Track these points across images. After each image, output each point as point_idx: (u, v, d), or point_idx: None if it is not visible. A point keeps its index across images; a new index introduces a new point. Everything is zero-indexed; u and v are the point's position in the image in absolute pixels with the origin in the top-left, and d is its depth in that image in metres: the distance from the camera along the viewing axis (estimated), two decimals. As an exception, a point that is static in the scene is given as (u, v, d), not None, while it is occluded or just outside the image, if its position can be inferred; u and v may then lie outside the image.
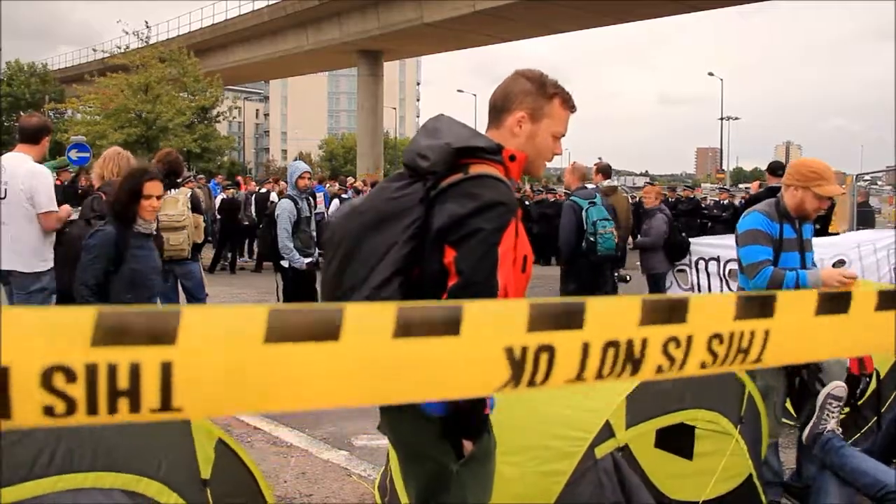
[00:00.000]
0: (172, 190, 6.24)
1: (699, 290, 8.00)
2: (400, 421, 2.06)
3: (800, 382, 3.67)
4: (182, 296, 6.52)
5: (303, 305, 0.76)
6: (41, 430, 2.00)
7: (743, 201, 13.13)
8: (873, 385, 3.82)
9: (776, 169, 7.88)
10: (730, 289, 7.48)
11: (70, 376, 0.64)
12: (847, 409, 4.08)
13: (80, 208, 5.14)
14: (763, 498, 3.24)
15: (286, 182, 7.94)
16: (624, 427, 2.66)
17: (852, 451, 3.19)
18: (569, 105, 2.15)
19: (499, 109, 2.13)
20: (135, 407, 0.68)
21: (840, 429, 3.32)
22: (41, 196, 4.75)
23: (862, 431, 4.10)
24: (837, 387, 3.40)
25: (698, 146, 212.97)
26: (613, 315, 0.88)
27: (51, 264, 4.90)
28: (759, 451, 3.29)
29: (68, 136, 21.02)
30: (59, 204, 5.00)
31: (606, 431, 2.60)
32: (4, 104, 46.96)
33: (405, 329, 0.77)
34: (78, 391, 0.65)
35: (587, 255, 6.59)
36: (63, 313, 0.64)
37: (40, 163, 5.07)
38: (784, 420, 3.77)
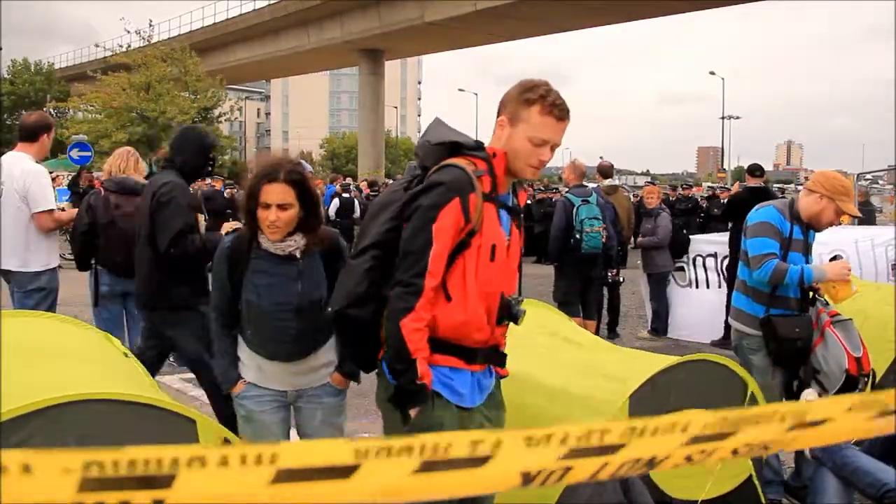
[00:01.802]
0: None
1: (697, 286, 8.09)
2: (378, 386, 2.31)
3: (798, 383, 3.69)
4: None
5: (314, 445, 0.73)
6: (47, 431, 2.02)
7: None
8: (870, 386, 3.83)
9: (754, 170, 8.19)
10: (727, 284, 7.56)
11: None
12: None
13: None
14: (762, 498, 3.25)
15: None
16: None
17: (852, 450, 3.19)
18: (553, 113, 2.18)
19: (497, 115, 2.30)
20: None
21: None
22: (35, 195, 4.74)
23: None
24: (809, 393, 3.51)
25: (699, 145, 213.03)
26: (655, 445, 0.85)
27: (52, 264, 4.91)
28: None
29: (69, 135, 21.02)
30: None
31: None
32: (7, 102, 46.96)
33: (427, 467, 0.75)
34: None
35: (573, 252, 6.62)
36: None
37: (44, 160, 5.08)
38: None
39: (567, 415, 2.89)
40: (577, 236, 6.59)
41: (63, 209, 5.58)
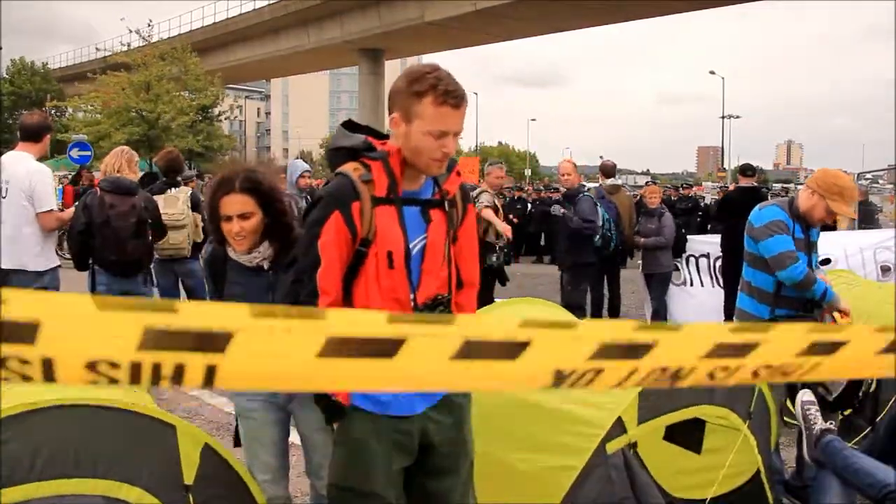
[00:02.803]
0: (173, 189, 6.26)
1: (692, 285, 8.13)
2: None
3: (801, 384, 3.68)
4: (183, 294, 6.55)
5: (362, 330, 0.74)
6: (23, 437, 2.01)
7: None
8: (874, 386, 3.83)
9: (746, 170, 8.33)
10: (720, 285, 7.63)
11: (114, 365, 0.67)
12: (849, 411, 4.08)
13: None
14: (769, 494, 3.22)
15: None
16: (636, 423, 2.65)
17: (853, 451, 3.18)
18: (447, 101, 2.01)
19: (388, 110, 2.16)
20: (177, 383, 0.71)
21: (832, 423, 3.32)
22: (40, 195, 4.75)
23: (863, 434, 4.10)
24: (805, 394, 3.47)
25: (699, 145, 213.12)
26: (679, 350, 0.85)
27: (53, 263, 4.91)
28: (767, 446, 3.28)
29: (69, 135, 21.01)
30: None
31: (618, 427, 2.59)
32: (7, 102, 46.96)
33: (465, 353, 0.76)
34: (122, 374, 0.68)
35: (599, 251, 7.05)
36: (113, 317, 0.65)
37: (43, 160, 5.08)
38: (785, 419, 3.77)
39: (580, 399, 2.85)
40: (608, 234, 6.88)
41: (62, 209, 5.57)
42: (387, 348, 0.73)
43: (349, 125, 2.28)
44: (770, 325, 0.87)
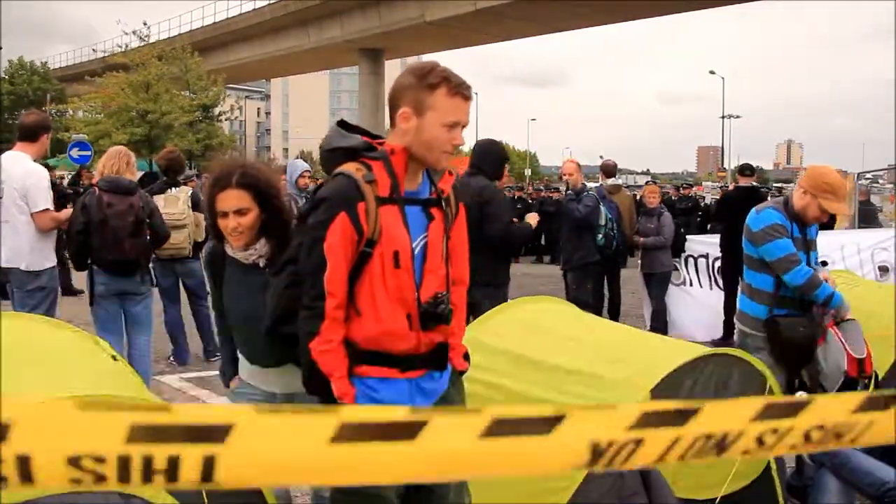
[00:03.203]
0: (173, 188, 6.26)
1: (691, 286, 8.14)
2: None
3: (800, 384, 3.68)
4: (183, 294, 6.55)
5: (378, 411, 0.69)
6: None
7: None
8: (872, 387, 3.82)
9: (745, 170, 8.38)
10: (718, 286, 7.64)
11: (100, 460, 0.61)
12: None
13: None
14: (780, 493, 3.20)
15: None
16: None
17: (852, 450, 3.18)
18: (460, 92, 2.07)
19: (391, 108, 2.16)
20: (171, 480, 0.64)
21: None
22: (35, 195, 4.75)
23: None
24: (802, 395, 3.46)
25: (699, 144, 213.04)
26: (726, 415, 0.82)
27: (51, 263, 4.91)
28: None
29: (70, 135, 21.01)
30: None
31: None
32: (6, 102, 46.96)
33: (494, 431, 0.71)
34: (109, 469, 0.62)
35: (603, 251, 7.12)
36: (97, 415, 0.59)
37: (44, 160, 5.08)
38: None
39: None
40: (611, 233, 7.05)
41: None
42: (408, 430, 0.68)
43: (342, 126, 2.28)
44: (820, 395, 0.85)
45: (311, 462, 0.67)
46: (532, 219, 5.49)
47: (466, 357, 2.36)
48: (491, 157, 5.18)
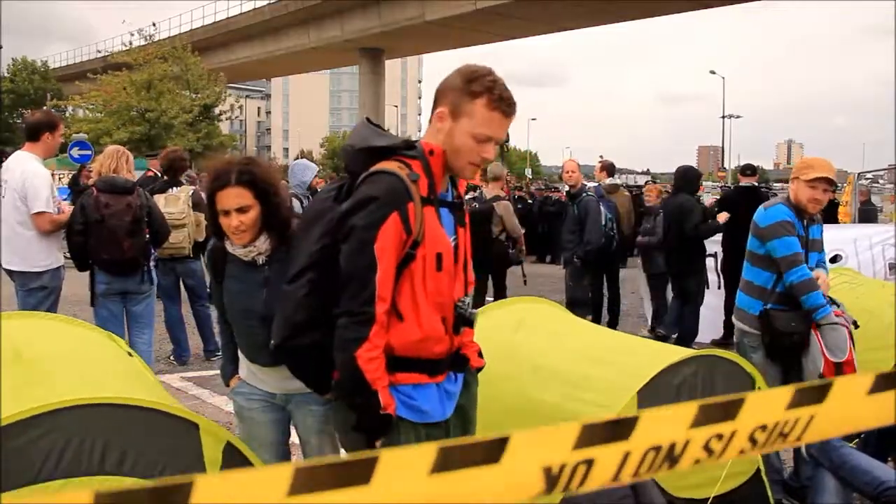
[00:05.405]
0: (174, 188, 6.26)
1: None
2: (336, 411, 2.21)
3: (789, 381, 3.70)
4: (184, 294, 6.56)
5: (333, 458, 0.69)
6: (49, 434, 2.00)
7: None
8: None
9: (746, 170, 8.49)
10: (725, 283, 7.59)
11: None
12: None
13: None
14: (770, 494, 3.22)
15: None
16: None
17: (850, 449, 3.19)
18: (500, 108, 1.98)
19: (434, 103, 2.09)
20: None
21: None
22: (33, 197, 4.76)
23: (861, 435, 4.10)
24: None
25: (700, 144, 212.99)
26: (664, 422, 0.82)
27: (54, 264, 4.91)
28: None
29: (70, 134, 20.99)
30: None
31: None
32: (7, 101, 46.94)
33: (443, 464, 0.70)
34: None
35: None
36: None
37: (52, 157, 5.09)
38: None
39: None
40: (611, 233, 7.24)
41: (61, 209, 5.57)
42: (361, 472, 0.67)
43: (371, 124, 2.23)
44: (753, 392, 0.86)
45: None
46: (722, 217, 6.91)
47: (480, 354, 2.35)
48: (688, 178, 7.56)
